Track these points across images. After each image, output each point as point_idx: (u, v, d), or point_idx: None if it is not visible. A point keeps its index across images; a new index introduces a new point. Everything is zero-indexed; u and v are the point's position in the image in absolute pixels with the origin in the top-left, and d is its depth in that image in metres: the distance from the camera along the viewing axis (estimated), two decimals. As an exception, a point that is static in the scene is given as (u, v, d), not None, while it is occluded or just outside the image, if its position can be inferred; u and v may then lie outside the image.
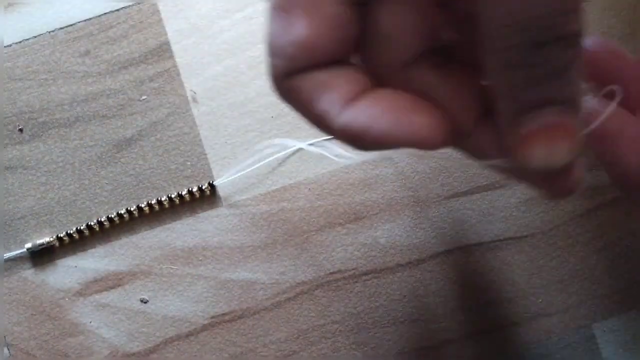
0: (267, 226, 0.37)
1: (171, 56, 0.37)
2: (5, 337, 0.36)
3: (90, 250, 0.37)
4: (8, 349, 0.36)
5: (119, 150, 0.37)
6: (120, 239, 0.37)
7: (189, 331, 0.36)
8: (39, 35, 0.37)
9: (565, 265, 0.37)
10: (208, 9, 0.38)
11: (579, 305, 0.37)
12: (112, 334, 0.36)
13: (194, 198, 0.37)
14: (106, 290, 0.36)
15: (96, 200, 0.37)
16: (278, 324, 0.36)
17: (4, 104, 0.37)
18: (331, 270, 0.37)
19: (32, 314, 0.36)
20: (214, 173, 0.37)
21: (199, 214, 0.37)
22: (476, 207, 0.37)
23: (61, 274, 0.36)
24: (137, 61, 0.37)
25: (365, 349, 0.36)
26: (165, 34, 0.38)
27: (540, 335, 0.36)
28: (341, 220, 0.37)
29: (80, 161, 0.37)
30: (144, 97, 0.37)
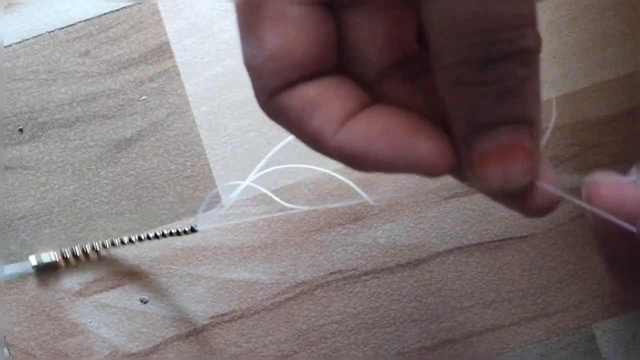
0: (267, 226, 0.37)
1: (171, 56, 0.37)
2: (5, 337, 0.36)
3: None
4: (8, 349, 0.36)
5: (119, 150, 0.37)
6: (120, 239, 0.37)
7: (189, 331, 0.36)
8: (39, 35, 0.37)
9: (565, 265, 0.37)
10: (208, 9, 0.38)
11: (579, 305, 0.37)
12: (112, 334, 0.36)
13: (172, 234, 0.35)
14: (106, 290, 0.36)
15: (96, 200, 0.37)
16: (278, 324, 0.36)
17: (4, 104, 0.37)
18: (331, 270, 0.37)
19: (32, 314, 0.36)
20: (214, 173, 0.37)
21: (199, 214, 0.37)
22: (476, 207, 0.37)
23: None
24: (137, 61, 0.37)
25: (365, 349, 0.36)
26: (165, 34, 0.38)
27: (540, 335, 0.36)
28: (341, 220, 0.37)
29: (80, 161, 0.37)
30: (144, 97, 0.37)
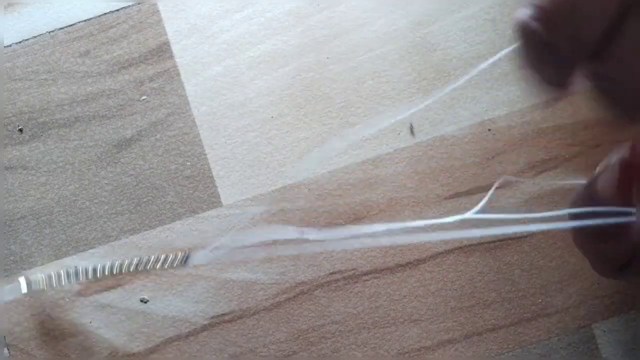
0: (267, 226, 0.37)
1: (171, 56, 0.37)
2: (5, 337, 0.36)
3: (90, 251, 0.37)
4: (8, 349, 0.36)
5: (119, 150, 0.37)
6: (120, 239, 0.37)
7: (189, 331, 0.36)
8: (39, 35, 0.38)
9: (565, 265, 0.37)
10: (208, 9, 0.38)
11: (579, 305, 0.37)
12: (112, 334, 0.36)
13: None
14: (106, 290, 0.36)
15: (96, 200, 0.37)
16: (278, 324, 0.36)
17: (4, 104, 0.37)
18: (331, 271, 0.37)
19: (32, 314, 0.36)
20: (214, 173, 0.37)
21: (199, 214, 0.37)
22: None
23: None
24: (137, 61, 0.37)
25: (365, 349, 0.36)
26: (165, 34, 0.38)
27: (540, 335, 0.36)
28: (341, 220, 0.37)
29: (80, 161, 0.37)
30: (144, 97, 0.37)
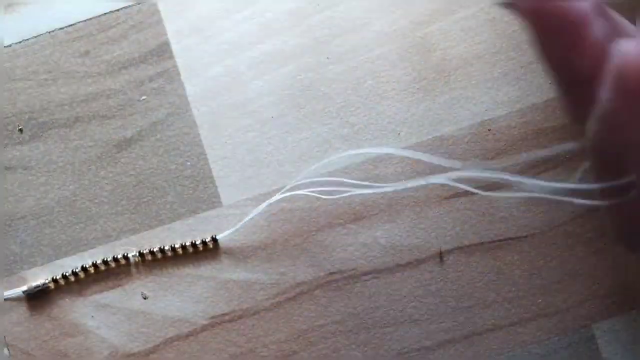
0: (267, 226, 0.37)
1: (171, 56, 0.37)
2: (5, 337, 0.36)
3: (90, 251, 0.37)
4: (8, 349, 0.36)
5: (119, 150, 0.37)
6: (120, 239, 0.37)
7: (189, 331, 0.36)
8: (39, 35, 0.38)
9: (565, 265, 0.37)
10: (208, 9, 0.38)
11: (579, 305, 0.37)
12: (112, 334, 0.36)
13: (197, 250, 0.36)
14: (106, 290, 0.36)
15: (96, 201, 0.37)
16: (278, 324, 0.36)
17: (4, 104, 0.37)
18: (331, 271, 0.37)
19: (32, 314, 0.36)
20: (214, 173, 0.37)
21: (199, 214, 0.37)
22: (476, 207, 0.37)
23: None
24: (137, 61, 0.37)
25: (365, 349, 0.36)
26: (165, 34, 0.38)
27: (540, 335, 0.36)
28: (341, 220, 0.37)
29: (80, 161, 0.37)
30: (144, 97, 0.37)
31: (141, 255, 0.36)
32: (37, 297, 0.36)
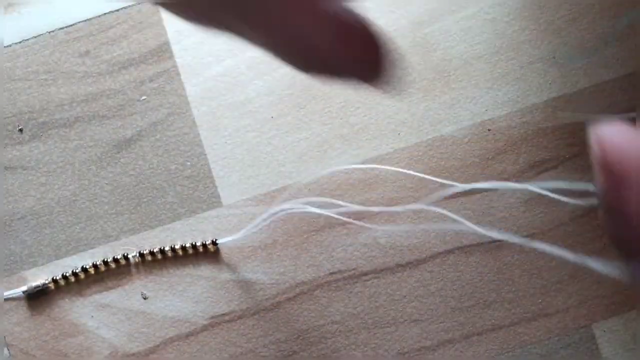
0: (267, 226, 0.37)
1: (171, 56, 0.37)
2: (5, 337, 0.36)
3: (90, 251, 0.37)
4: (8, 349, 0.36)
5: (119, 150, 0.37)
6: (120, 239, 0.37)
7: (189, 331, 0.36)
8: (39, 35, 0.37)
9: (565, 265, 0.37)
10: (208, 9, 0.38)
11: (579, 305, 0.37)
12: (112, 334, 0.36)
13: (197, 252, 0.37)
14: (106, 290, 0.36)
15: (96, 201, 0.37)
16: (278, 324, 0.36)
17: (4, 104, 0.37)
18: (331, 271, 0.37)
19: (32, 314, 0.36)
20: (214, 173, 0.37)
21: (199, 214, 0.37)
22: (476, 207, 0.37)
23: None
24: (137, 61, 0.37)
25: (365, 349, 0.36)
26: (165, 34, 0.38)
27: (540, 335, 0.36)
28: (341, 221, 0.37)
29: (80, 161, 0.37)
30: (144, 97, 0.37)
31: (141, 255, 0.36)
32: (37, 297, 0.36)
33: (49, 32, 0.38)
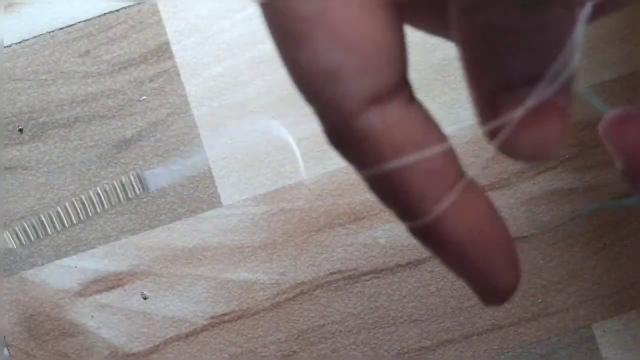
0: (267, 226, 0.37)
1: (171, 56, 0.37)
2: (5, 337, 0.36)
3: (90, 251, 0.37)
4: (8, 349, 0.36)
5: (119, 150, 0.37)
6: (120, 239, 0.37)
7: (189, 331, 0.36)
8: (39, 36, 0.38)
9: (565, 265, 0.37)
10: (208, 9, 0.38)
11: (579, 305, 0.37)
12: (112, 334, 0.36)
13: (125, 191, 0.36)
14: (106, 291, 0.36)
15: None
16: (278, 324, 0.36)
17: (4, 104, 0.37)
18: (331, 271, 0.37)
19: (32, 314, 0.36)
20: (214, 173, 0.37)
21: (199, 214, 0.37)
22: (476, 207, 0.37)
23: (61, 274, 0.36)
24: (137, 61, 0.37)
25: (365, 349, 0.36)
26: (165, 34, 0.38)
27: (540, 335, 0.36)
28: (341, 220, 0.37)
29: (80, 161, 0.37)
30: (144, 98, 0.37)
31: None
32: (37, 296, 0.36)
33: (49, 32, 0.38)
